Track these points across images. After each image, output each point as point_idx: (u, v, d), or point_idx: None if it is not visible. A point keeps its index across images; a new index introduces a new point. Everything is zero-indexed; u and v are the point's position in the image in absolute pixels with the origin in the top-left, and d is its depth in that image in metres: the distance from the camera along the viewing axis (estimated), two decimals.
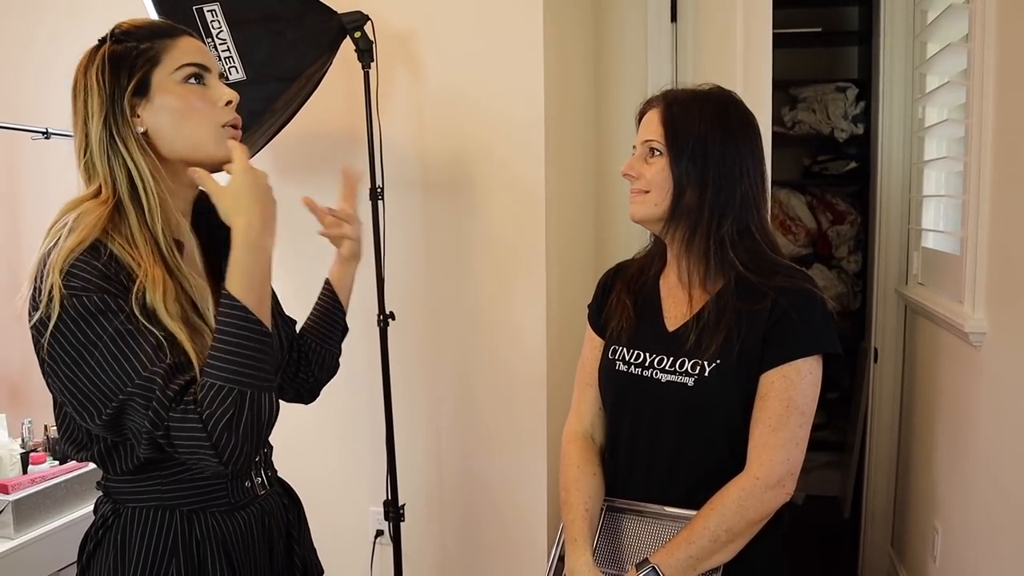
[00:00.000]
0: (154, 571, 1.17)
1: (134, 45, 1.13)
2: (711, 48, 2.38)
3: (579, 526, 1.37)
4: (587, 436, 1.49)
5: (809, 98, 3.66)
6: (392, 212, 2.20)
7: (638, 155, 1.39)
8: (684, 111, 1.35)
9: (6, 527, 1.63)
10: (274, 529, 1.29)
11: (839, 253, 3.74)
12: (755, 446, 1.29)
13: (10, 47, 2.55)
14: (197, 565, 1.18)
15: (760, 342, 1.30)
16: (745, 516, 1.26)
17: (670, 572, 1.26)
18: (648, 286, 1.46)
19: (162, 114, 1.13)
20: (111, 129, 1.11)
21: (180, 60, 1.14)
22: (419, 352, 2.36)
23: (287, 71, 1.92)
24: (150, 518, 1.18)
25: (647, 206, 1.37)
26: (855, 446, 3.30)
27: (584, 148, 2.64)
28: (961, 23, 2.07)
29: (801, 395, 1.28)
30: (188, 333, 1.07)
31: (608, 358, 1.44)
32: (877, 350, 2.87)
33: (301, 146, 2.35)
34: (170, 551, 1.17)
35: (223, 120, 1.16)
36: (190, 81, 1.14)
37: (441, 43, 2.26)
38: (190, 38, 1.18)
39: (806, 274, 1.38)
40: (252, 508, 1.25)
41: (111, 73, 1.11)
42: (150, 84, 1.13)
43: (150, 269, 1.07)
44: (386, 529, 2.25)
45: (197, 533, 1.18)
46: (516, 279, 2.27)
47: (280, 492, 1.34)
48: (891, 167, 2.83)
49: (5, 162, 2.64)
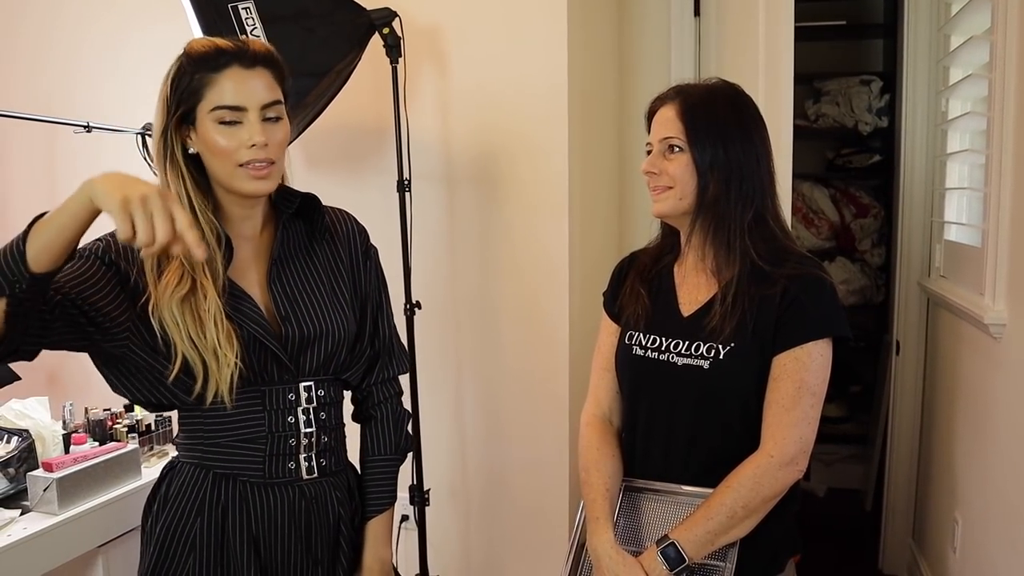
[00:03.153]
0: (181, 524, 1.27)
1: (190, 73, 1.22)
2: (734, 42, 2.40)
3: (600, 505, 1.41)
4: (605, 419, 1.53)
5: (833, 91, 3.65)
6: (418, 204, 2.25)
7: (656, 152, 1.41)
8: (701, 105, 1.38)
9: (51, 503, 1.70)
10: (315, 516, 1.33)
11: (862, 246, 3.73)
12: (769, 426, 1.33)
13: (65, 47, 2.63)
14: (220, 527, 1.26)
15: (772, 326, 1.33)
16: (760, 493, 1.30)
17: (689, 547, 1.31)
18: (662, 273, 1.50)
19: (200, 145, 1.24)
20: (162, 146, 1.24)
21: (216, 101, 1.21)
22: (444, 341, 2.41)
23: (318, 66, 1.97)
24: (190, 475, 1.29)
25: (671, 201, 1.40)
26: (877, 439, 3.31)
27: (607, 142, 2.67)
28: (984, 16, 2.08)
29: (812, 376, 1.32)
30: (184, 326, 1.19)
31: (625, 343, 1.48)
32: (899, 343, 2.87)
33: (330, 139, 2.40)
34: (196, 509, 1.27)
35: (243, 160, 1.22)
36: (222, 124, 1.21)
37: (467, 39, 2.29)
38: (235, 70, 1.22)
39: (817, 261, 1.41)
40: (291, 489, 1.30)
41: (171, 94, 1.23)
42: (195, 117, 1.23)
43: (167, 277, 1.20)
44: (411, 514, 2.29)
45: (223, 498, 1.26)
46: (540, 270, 2.30)
47: (335, 484, 1.37)
48: (914, 160, 2.82)
49: (46, 154, 2.72)
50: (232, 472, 1.28)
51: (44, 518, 1.70)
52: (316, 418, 1.33)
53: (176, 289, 1.19)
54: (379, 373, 1.45)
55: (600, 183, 2.58)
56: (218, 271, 1.24)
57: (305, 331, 1.31)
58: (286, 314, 1.31)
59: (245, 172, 1.23)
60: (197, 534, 1.26)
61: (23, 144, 2.77)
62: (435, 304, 2.33)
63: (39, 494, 1.72)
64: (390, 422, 1.46)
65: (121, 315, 1.20)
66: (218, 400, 1.24)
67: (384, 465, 1.45)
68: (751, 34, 2.09)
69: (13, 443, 1.85)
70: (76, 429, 1.99)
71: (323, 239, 1.40)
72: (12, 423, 1.93)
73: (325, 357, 1.34)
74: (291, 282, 1.33)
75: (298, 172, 2.46)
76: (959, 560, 2.17)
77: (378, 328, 1.45)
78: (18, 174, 2.82)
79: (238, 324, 1.25)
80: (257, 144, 1.22)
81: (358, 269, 1.43)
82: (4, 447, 1.85)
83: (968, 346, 2.19)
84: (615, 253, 2.78)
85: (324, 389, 1.35)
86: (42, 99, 2.58)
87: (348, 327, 1.37)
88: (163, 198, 0.99)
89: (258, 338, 1.26)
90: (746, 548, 1.34)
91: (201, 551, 1.26)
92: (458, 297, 2.39)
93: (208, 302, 1.21)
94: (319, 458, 1.34)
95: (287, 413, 1.30)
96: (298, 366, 1.31)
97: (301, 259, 1.36)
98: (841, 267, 3.68)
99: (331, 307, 1.35)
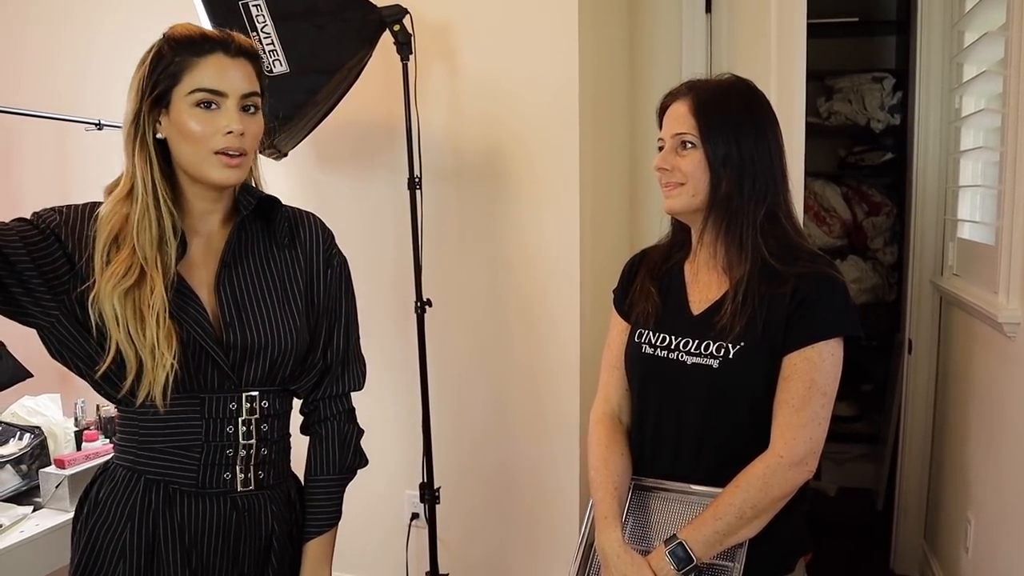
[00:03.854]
0: (111, 529, 1.23)
1: (169, 56, 1.19)
2: (745, 38, 2.39)
3: (609, 503, 1.41)
4: (614, 417, 1.52)
5: (845, 88, 3.63)
6: (429, 201, 2.25)
7: (669, 148, 1.40)
8: (714, 101, 1.37)
9: (62, 500, 1.71)
10: (244, 529, 1.28)
11: (874, 244, 3.71)
12: (779, 426, 1.32)
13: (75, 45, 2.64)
14: (151, 534, 1.22)
15: (783, 325, 1.32)
16: (769, 493, 1.29)
17: (697, 547, 1.30)
18: (673, 271, 1.49)
19: (171, 130, 1.21)
20: (133, 129, 1.21)
21: (195, 84, 1.19)
22: (455, 338, 2.41)
23: (329, 64, 1.97)
24: (122, 479, 1.25)
25: (684, 198, 1.39)
26: (889, 438, 3.29)
27: (619, 138, 2.66)
28: (999, 11, 2.06)
29: (823, 376, 1.31)
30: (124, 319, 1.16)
31: (634, 341, 1.47)
32: (911, 341, 2.86)
33: (341, 136, 2.40)
34: (127, 514, 1.23)
35: (217, 147, 1.20)
36: (199, 106, 1.19)
37: (477, 36, 2.29)
38: (218, 56, 1.20)
39: (828, 259, 1.40)
40: (223, 500, 1.25)
41: (147, 77, 1.20)
42: (170, 99, 1.20)
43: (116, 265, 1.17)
44: (421, 512, 2.30)
45: (154, 504, 1.22)
46: (551, 267, 2.30)
47: (271, 498, 1.31)
48: (927, 157, 2.80)
49: (58, 152, 2.74)
50: (164, 479, 1.23)
51: (56, 515, 1.71)
52: (257, 430, 1.27)
53: (122, 280, 1.15)
54: (326, 388, 1.38)
55: (611, 179, 2.58)
56: (169, 265, 1.20)
57: (249, 340, 1.25)
58: (230, 320, 1.24)
59: (217, 159, 1.20)
60: (127, 540, 1.22)
61: (34, 143, 2.79)
62: (445, 302, 2.33)
63: (51, 491, 1.73)
64: (335, 441, 1.38)
65: (51, 295, 1.16)
66: (149, 402, 1.19)
67: (325, 485, 1.38)
68: (763, 31, 2.08)
69: (25, 440, 1.86)
70: (88, 426, 2.00)
71: (282, 244, 1.33)
72: (24, 420, 1.94)
73: (270, 368, 1.27)
74: (241, 287, 1.27)
75: (309, 170, 2.48)
76: (971, 560, 2.15)
77: (332, 340, 1.37)
78: (29, 173, 2.84)
79: (180, 324, 1.20)
80: (234, 132, 1.19)
81: (317, 277, 1.35)
82: (16, 444, 1.86)
83: (981, 345, 2.17)
84: (626, 250, 2.77)
85: (269, 400, 1.29)
86: (52, 98, 2.59)
87: (297, 338, 1.29)
88: None
89: (199, 342, 1.21)
90: (755, 548, 1.33)
91: (131, 558, 1.22)
92: (468, 295, 2.39)
93: (154, 297, 1.16)
94: (257, 470, 1.28)
95: (226, 423, 1.25)
96: (241, 375, 1.25)
97: (255, 263, 1.30)
98: (853, 265, 3.66)
99: (280, 316, 1.28)
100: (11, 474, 1.80)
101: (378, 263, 2.43)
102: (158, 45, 1.21)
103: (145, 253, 1.17)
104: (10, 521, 1.66)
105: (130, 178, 1.21)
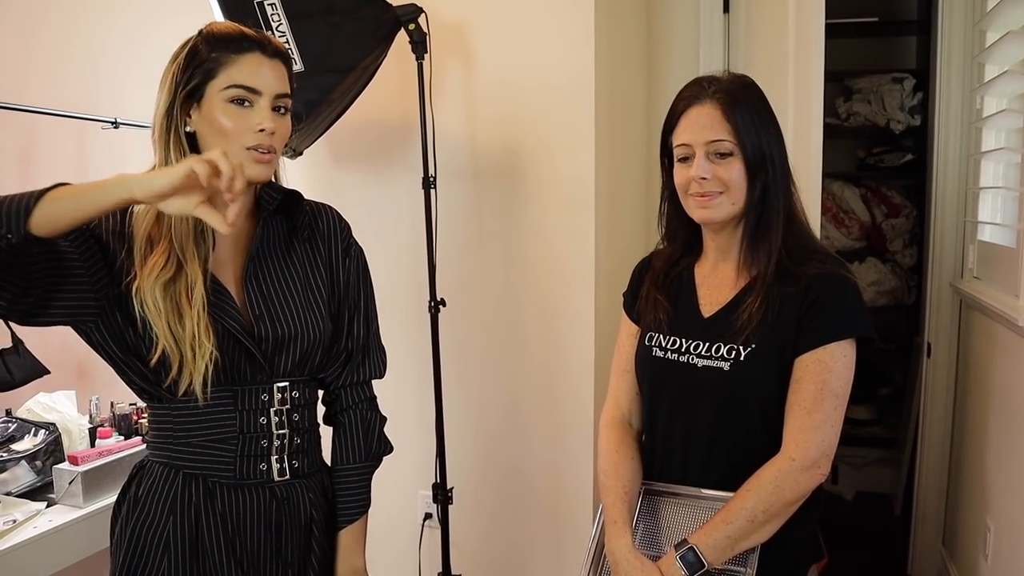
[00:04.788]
0: (154, 524, 1.24)
1: (206, 52, 1.22)
2: (763, 38, 2.37)
3: (618, 508, 1.40)
4: (624, 421, 1.51)
5: (864, 89, 3.60)
6: (444, 201, 2.24)
7: (702, 156, 1.34)
8: (742, 104, 1.34)
9: (76, 496, 1.72)
10: (285, 518, 1.30)
11: (893, 247, 3.67)
12: (790, 428, 1.30)
13: (88, 43, 2.66)
14: (194, 527, 1.24)
15: (794, 326, 1.31)
16: (781, 497, 1.28)
17: (708, 552, 1.29)
18: (683, 275, 1.48)
19: (203, 124, 1.23)
20: (167, 121, 1.22)
21: (231, 80, 1.21)
22: (469, 338, 2.40)
23: (344, 62, 1.97)
24: (160, 475, 1.26)
25: (725, 208, 1.35)
26: (907, 442, 3.25)
27: (635, 138, 2.65)
28: (1021, 10, 2.03)
29: (835, 378, 1.29)
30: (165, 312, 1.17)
31: (645, 344, 1.46)
32: (931, 345, 2.83)
33: (356, 136, 2.40)
34: (168, 508, 1.24)
35: (250, 143, 1.21)
36: (233, 102, 1.21)
37: (493, 34, 2.28)
38: (255, 55, 1.23)
39: (840, 260, 1.38)
40: (262, 491, 1.28)
41: (182, 71, 1.22)
42: (203, 94, 1.22)
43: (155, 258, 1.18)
44: (434, 512, 2.29)
45: (195, 498, 1.24)
46: (565, 267, 2.29)
47: (307, 486, 1.34)
48: (947, 159, 2.77)
49: (75, 151, 2.75)
50: (202, 472, 1.25)
51: (69, 511, 1.72)
52: (289, 419, 1.30)
53: (161, 272, 1.17)
54: (347, 376, 1.41)
55: (627, 180, 2.56)
56: (206, 259, 1.22)
57: (279, 332, 1.28)
58: (260, 313, 1.28)
59: (248, 155, 1.22)
60: (170, 535, 1.24)
61: (51, 142, 2.80)
62: (460, 301, 2.33)
63: (64, 487, 1.74)
64: (359, 428, 1.42)
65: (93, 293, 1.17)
66: (190, 394, 1.21)
67: (353, 473, 1.41)
68: (781, 31, 2.06)
69: (40, 436, 1.87)
70: (102, 423, 2.01)
71: (302, 236, 1.36)
72: (39, 416, 1.95)
73: (300, 358, 1.31)
74: (267, 281, 1.31)
75: (324, 169, 2.48)
76: (991, 567, 2.13)
77: (352, 329, 1.40)
78: (47, 171, 2.85)
79: (215, 319, 1.22)
80: (266, 129, 1.21)
81: (337, 267, 1.39)
82: (31, 440, 1.87)
83: (1002, 349, 2.15)
84: (641, 250, 2.74)
85: (299, 390, 1.32)
86: (68, 97, 2.61)
87: (323, 328, 1.34)
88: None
89: (234, 335, 1.24)
90: (767, 554, 1.31)
91: (175, 552, 1.23)
92: (483, 294, 2.39)
93: (194, 293, 1.19)
94: (291, 460, 1.31)
95: (259, 414, 1.28)
96: (272, 366, 1.29)
97: (279, 257, 1.33)
98: (872, 268, 3.63)
99: (305, 308, 1.32)
100: (25, 470, 1.81)
101: (393, 263, 2.43)
102: (194, 40, 1.24)
103: (183, 247, 1.19)
104: (24, 516, 1.67)
105: None
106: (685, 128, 1.37)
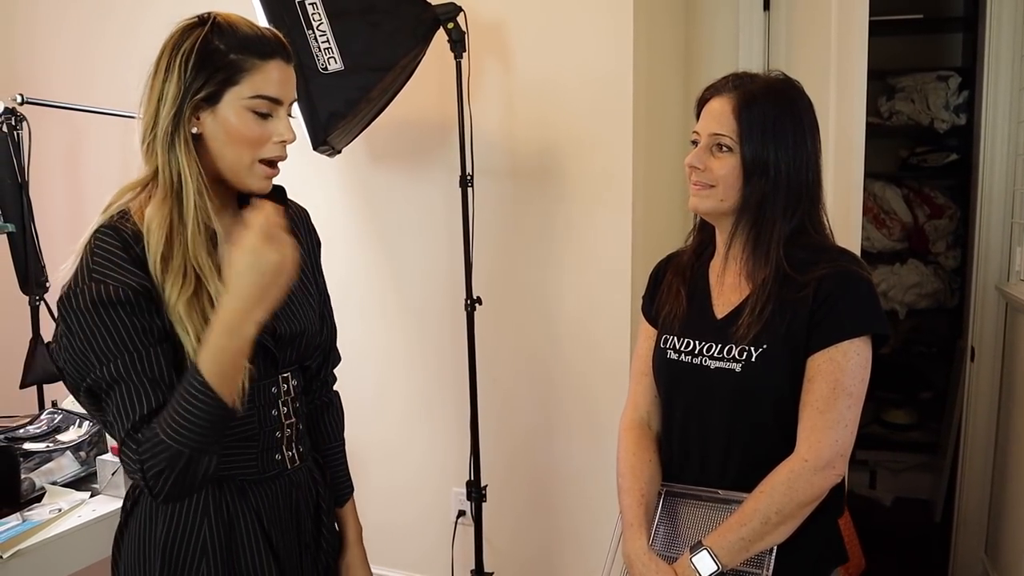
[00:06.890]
0: (187, 530, 1.21)
1: (225, 51, 1.12)
2: (804, 37, 2.34)
3: (635, 511, 1.39)
4: (643, 424, 1.51)
5: (908, 87, 3.53)
6: (481, 199, 2.25)
7: (703, 146, 1.35)
8: (757, 104, 1.31)
9: (118, 487, 1.75)
10: (301, 503, 1.32)
11: (936, 248, 3.60)
12: (803, 428, 1.29)
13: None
14: (228, 528, 1.23)
15: (806, 325, 1.29)
16: (795, 498, 1.26)
17: (723, 554, 1.28)
18: (699, 274, 1.47)
19: (217, 129, 1.14)
20: (178, 121, 1.12)
21: (258, 90, 1.13)
22: (504, 337, 2.41)
23: (383, 61, 1.99)
24: None
25: (712, 201, 1.36)
26: (948, 448, 3.19)
27: (672, 137, 2.63)
28: None
29: (849, 377, 1.27)
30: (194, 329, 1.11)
31: (660, 347, 1.45)
32: (974, 348, 2.77)
33: (395, 134, 2.42)
34: (202, 511, 1.22)
35: (268, 155, 1.17)
36: (256, 113, 1.14)
37: (531, 33, 2.28)
38: (278, 63, 1.16)
39: (853, 255, 1.35)
40: (282, 480, 1.29)
41: (195, 68, 1.11)
42: (221, 99, 1.13)
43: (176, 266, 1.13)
44: (468, 509, 2.30)
45: (228, 499, 1.23)
46: (602, 266, 2.28)
47: (311, 467, 1.37)
48: (994, 159, 2.72)
49: (120, 147, 2.80)
50: (230, 473, 1.24)
51: (112, 501, 1.75)
52: (294, 408, 1.31)
53: (183, 289, 1.12)
54: (330, 362, 1.45)
55: (664, 179, 2.55)
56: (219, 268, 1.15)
57: (294, 327, 1.29)
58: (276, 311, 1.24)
59: (261, 169, 1.17)
60: (207, 538, 1.22)
61: (99, 139, 2.86)
62: (495, 300, 2.33)
63: (107, 477, 1.77)
64: (338, 410, 1.49)
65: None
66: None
67: (340, 450, 1.48)
68: (823, 29, 2.03)
69: (84, 428, 1.91)
70: None
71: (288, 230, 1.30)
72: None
73: (304, 350, 1.32)
74: None
75: (362, 167, 2.50)
76: None
77: (328, 317, 1.42)
78: (93, 166, 2.92)
79: None
80: (287, 141, 1.17)
81: (317, 258, 1.41)
82: (76, 431, 1.91)
83: None
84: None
85: (298, 379, 1.33)
86: (117, 95, 2.66)
87: (320, 320, 1.36)
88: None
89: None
90: (784, 556, 1.30)
91: (213, 555, 1.23)
92: (518, 293, 2.39)
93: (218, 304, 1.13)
94: (298, 446, 1.33)
95: (270, 407, 1.28)
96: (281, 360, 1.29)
97: None
98: (913, 269, 3.56)
99: (304, 302, 1.32)
100: (70, 460, 1.84)
101: (429, 261, 2.44)
102: (204, 33, 1.12)
103: (200, 261, 1.13)
104: (69, 505, 1.70)
105: (169, 176, 1.14)
106: (702, 117, 1.38)
